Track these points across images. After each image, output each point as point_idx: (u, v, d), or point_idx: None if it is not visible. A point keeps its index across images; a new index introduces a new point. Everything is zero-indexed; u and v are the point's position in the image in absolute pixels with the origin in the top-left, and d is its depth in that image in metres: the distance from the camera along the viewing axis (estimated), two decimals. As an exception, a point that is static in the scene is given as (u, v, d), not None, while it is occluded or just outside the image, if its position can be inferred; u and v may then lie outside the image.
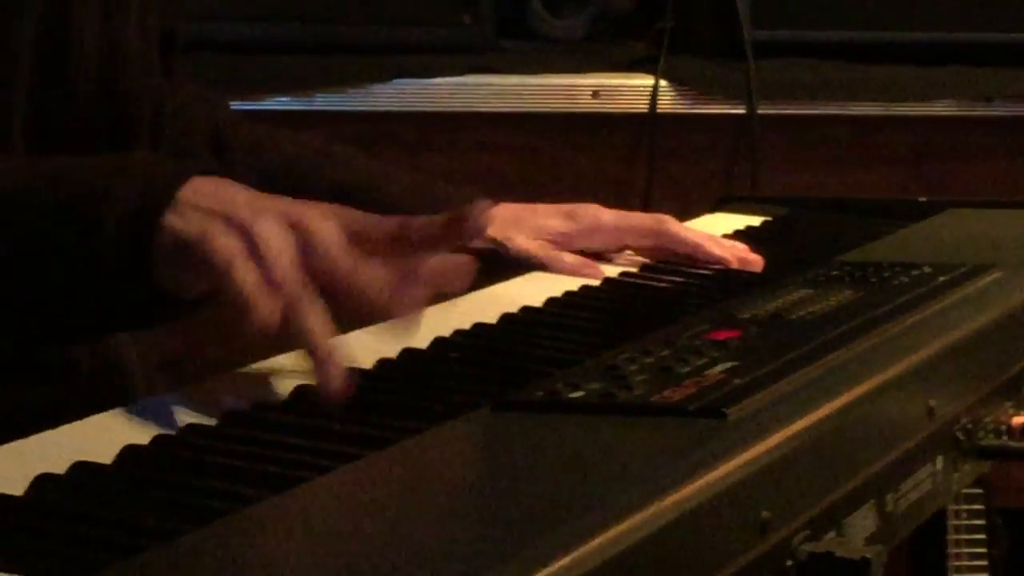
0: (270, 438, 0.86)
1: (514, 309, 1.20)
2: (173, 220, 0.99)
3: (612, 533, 0.64)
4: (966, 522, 2.23)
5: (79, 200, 1.03)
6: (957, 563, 2.25)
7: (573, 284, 1.32)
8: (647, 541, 0.67)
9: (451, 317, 1.13)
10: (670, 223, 1.45)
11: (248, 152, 1.45)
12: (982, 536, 2.30)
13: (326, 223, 1.01)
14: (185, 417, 0.91)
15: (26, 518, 0.74)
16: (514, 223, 1.44)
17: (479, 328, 1.13)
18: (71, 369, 1.28)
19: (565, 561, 0.61)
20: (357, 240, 1.01)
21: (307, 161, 1.49)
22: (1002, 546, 2.47)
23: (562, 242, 1.43)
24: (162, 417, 0.91)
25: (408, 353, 1.04)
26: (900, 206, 1.60)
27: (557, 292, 1.27)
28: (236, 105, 1.77)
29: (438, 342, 1.08)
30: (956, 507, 2.13)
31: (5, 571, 0.65)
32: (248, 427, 0.89)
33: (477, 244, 1.29)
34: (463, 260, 1.07)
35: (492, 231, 1.39)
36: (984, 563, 2.35)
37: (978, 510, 2.25)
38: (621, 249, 1.47)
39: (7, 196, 1.06)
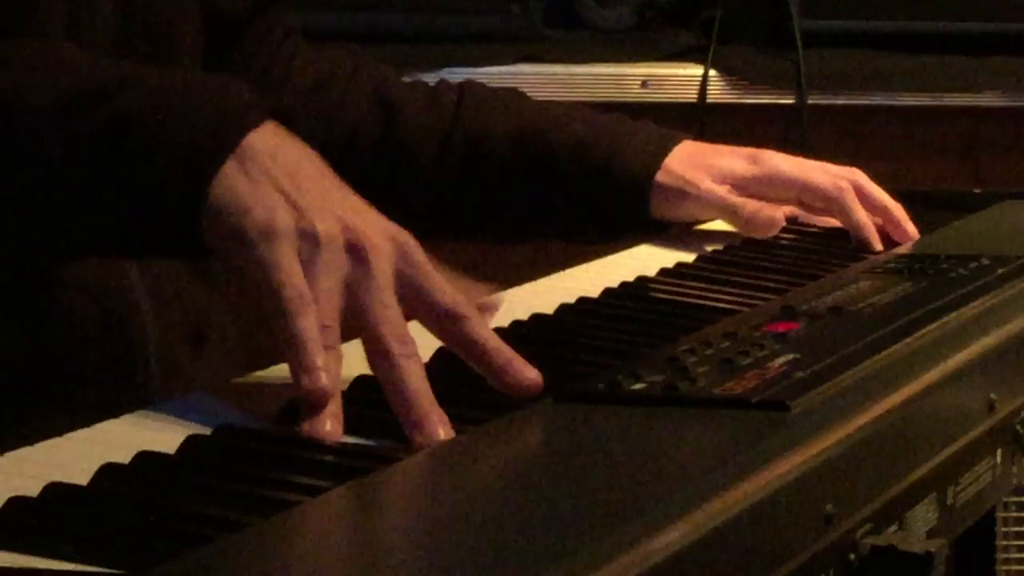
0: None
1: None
2: (233, 169, 0.94)
3: (676, 528, 0.64)
4: (1015, 515, 2.21)
5: (138, 121, 0.98)
6: (1006, 556, 2.23)
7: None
8: (712, 535, 0.67)
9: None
10: (848, 200, 1.38)
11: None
12: None
13: (382, 265, 0.93)
14: (239, 409, 0.89)
15: (91, 507, 0.72)
16: (701, 165, 1.43)
17: (533, 318, 1.10)
18: (76, 327, 1.22)
19: (630, 557, 0.60)
20: (401, 282, 0.94)
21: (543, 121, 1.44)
22: None
23: (743, 187, 1.41)
24: (218, 409, 0.89)
25: None
26: (955, 197, 1.59)
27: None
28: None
29: (501, 331, 1.04)
30: (1007, 499, 2.11)
31: (71, 559, 0.64)
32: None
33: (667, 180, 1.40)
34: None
35: (679, 169, 1.38)
36: None
37: None
38: (793, 204, 1.45)
39: (76, 93, 1.01)
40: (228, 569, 0.63)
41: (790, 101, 2.11)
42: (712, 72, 2.12)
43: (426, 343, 0.98)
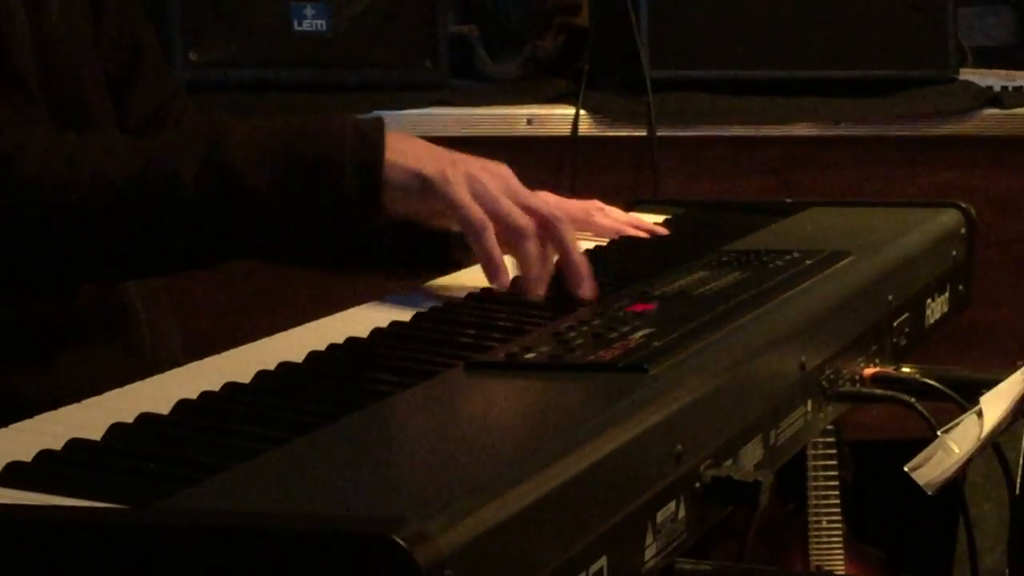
0: (294, 395, 0.84)
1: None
2: (395, 158, 1.03)
3: (562, 463, 0.67)
4: (822, 451, 2.28)
5: (321, 156, 1.04)
6: (815, 483, 2.30)
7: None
8: (587, 471, 0.71)
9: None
10: (593, 217, 1.38)
11: None
12: (834, 463, 2.36)
13: (510, 184, 1.08)
14: (220, 378, 0.88)
15: (103, 457, 0.74)
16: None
17: (447, 305, 1.12)
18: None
19: (527, 485, 0.62)
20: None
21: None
22: (850, 471, 2.52)
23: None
24: (203, 376, 0.89)
25: (395, 325, 1.03)
26: (772, 206, 1.61)
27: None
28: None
29: (417, 317, 1.05)
30: (815, 439, 2.25)
31: (89, 499, 0.64)
32: (276, 387, 0.86)
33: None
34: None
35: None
36: (835, 483, 2.38)
37: (831, 442, 2.27)
38: None
39: (269, 147, 1.06)
40: (206, 501, 0.61)
41: (643, 134, 2.09)
42: (582, 112, 2.13)
43: (366, 324, 1.04)
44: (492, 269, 1.08)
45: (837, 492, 2.29)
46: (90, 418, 0.84)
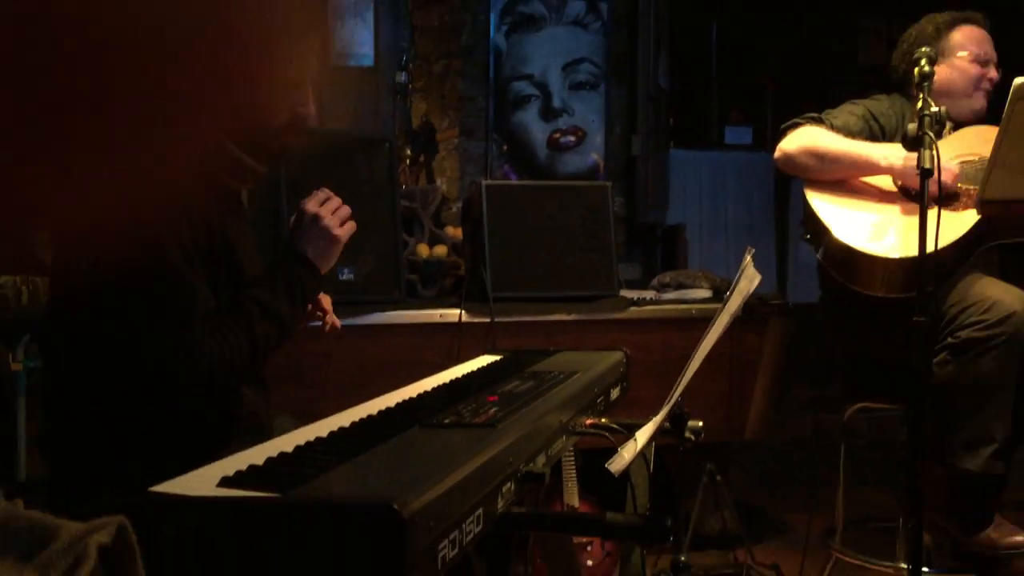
0: (351, 439, 1.17)
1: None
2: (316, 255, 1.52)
3: (464, 466, 0.98)
4: (568, 456, 2.41)
5: (295, 284, 1.55)
6: (565, 470, 2.44)
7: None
8: (477, 469, 1.00)
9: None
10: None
11: None
12: (572, 459, 2.45)
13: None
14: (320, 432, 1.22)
15: (272, 469, 1.06)
16: None
17: (417, 397, 1.46)
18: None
19: (434, 490, 0.90)
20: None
21: None
22: (579, 462, 2.49)
23: None
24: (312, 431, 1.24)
25: (396, 406, 1.41)
26: (545, 351, 1.99)
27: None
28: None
29: (399, 404, 1.42)
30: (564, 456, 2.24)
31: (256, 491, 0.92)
32: (343, 436, 1.20)
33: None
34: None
35: None
36: (573, 470, 2.48)
37: (572, 451, 2.38)
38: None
39: (266, 297, 1.51)
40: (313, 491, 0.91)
41: (487, 320, 2.66)
42: (464, 311, 2.69)
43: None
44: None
45: (574, 473, 2.52)
46: (268, 448, 1.11)
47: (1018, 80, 1.56)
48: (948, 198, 2.14)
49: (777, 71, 5.40)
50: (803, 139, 2.17)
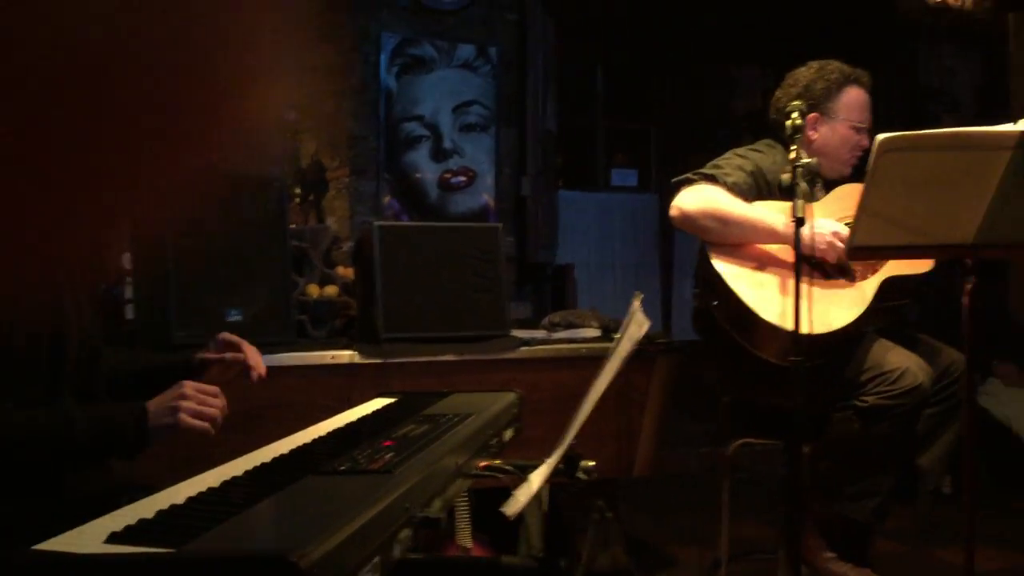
0: (244, 488, 1.16)
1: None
2: (155, 421, 1.44)
3: (362, 515, 1.00)
4: (463, 499, 2.52)
5: (112, 431, 1.47)
6: (458, 511, 2.48)
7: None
8: (374, 516, 1.01)
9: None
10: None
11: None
12: (466, 502, 2.50)
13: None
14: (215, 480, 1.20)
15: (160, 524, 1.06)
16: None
17: (310, 444, 1.44)
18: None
19: (334, 536, 0.91)
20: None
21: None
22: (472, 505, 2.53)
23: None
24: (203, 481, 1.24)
25: (291, 452, 1.41)
26: (439, 393, 1.99)
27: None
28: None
29: (293, 451, 1.40)
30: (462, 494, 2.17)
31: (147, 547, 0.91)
32: (237, 485, 1.20)
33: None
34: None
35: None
36: (467, 509, 2.52)
37: (466, 494, 2.45)
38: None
39: (76, 435, 1.44)
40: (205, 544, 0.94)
41: (381, 361, 2.69)
42: (356, 353, 2.71)
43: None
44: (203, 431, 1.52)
45: (467, 514, 2.58)
46: (159, 500, 1.10)
47: (880, 136, 1.66)
48: (845, 270, 2.23)
49: (660, 116, 5.59)
50: (702, 201, 2.18)
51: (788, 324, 2.01)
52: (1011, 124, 1.64)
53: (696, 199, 2.20)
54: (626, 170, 5.51)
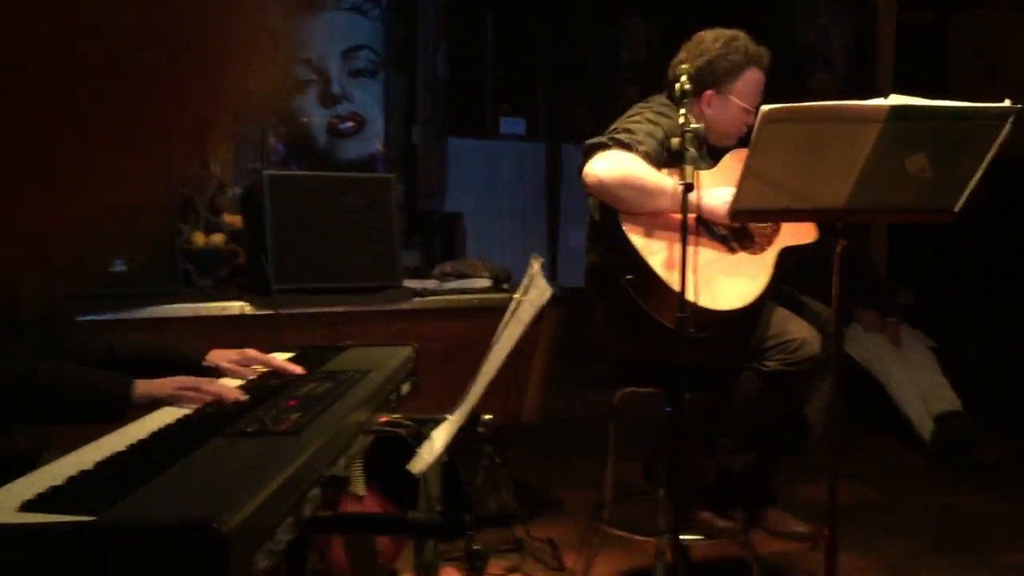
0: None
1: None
2: (140, 391, 1.42)
3: (273, 478, 1.02)
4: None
5: (101, 391, 1.47)
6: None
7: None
8: (286, 479, 1.03)
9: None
10: (253, 357, 1.73)
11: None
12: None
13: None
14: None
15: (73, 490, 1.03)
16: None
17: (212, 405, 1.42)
18: None
19: (256, 501, 0.94)
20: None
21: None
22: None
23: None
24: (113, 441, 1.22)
25: (194, 414, 1.39)
26: (336, 347, 2.00)
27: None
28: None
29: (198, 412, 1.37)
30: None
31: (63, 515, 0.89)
32: (147, 449, 1.19)
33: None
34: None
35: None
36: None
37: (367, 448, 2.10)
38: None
39: (63, 387, 1.44)
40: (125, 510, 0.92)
41: (272, 312, 2.64)
42: (246, 304, 2.68)
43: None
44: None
45: (360, 464, 2.11)
46: (67, 465, 1.08)
47: (764, 107, 1.75)
48: (743, 237, 2.31)
49: (547, 65, 5.64)
50: (619, 170, 2.17)
51: (696, 297, 2.13)
52: (882, 99, 1.75)
53: (613, 168, 2.20)
54: (514, 119, 5.54)
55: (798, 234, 2.38)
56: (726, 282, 2.24)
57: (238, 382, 1.62)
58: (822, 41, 5.34)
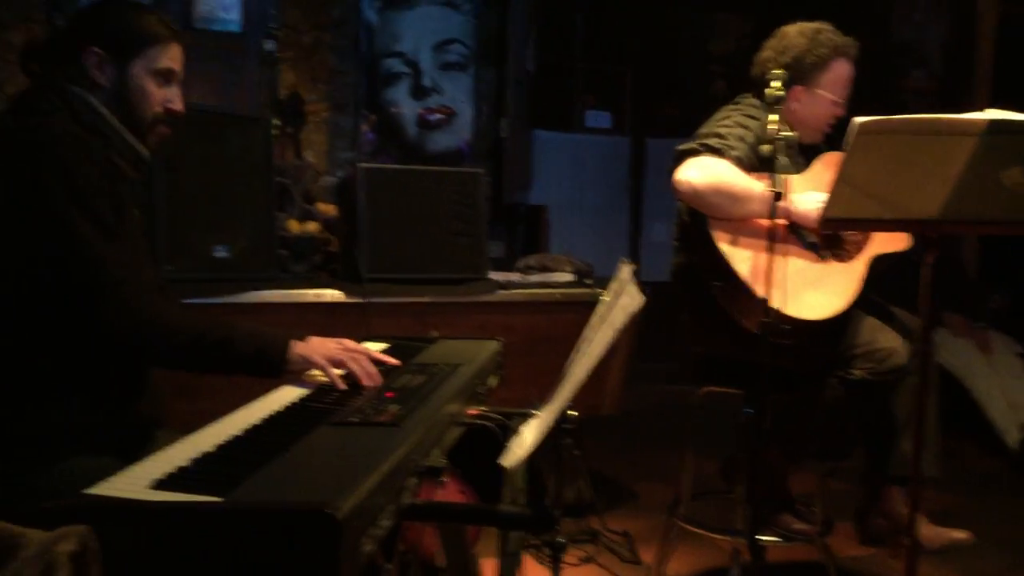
0: (243, 451, 1.15)
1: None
2: (296, 353, 1.49)
3: (380, 467, 1.04)
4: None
5: (264, 349, 1.53)
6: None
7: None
8: (391, 467, 1.06)
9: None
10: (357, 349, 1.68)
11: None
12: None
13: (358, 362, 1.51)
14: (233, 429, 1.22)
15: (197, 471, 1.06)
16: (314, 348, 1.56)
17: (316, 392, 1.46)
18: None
19: (364, 488, 0.97)
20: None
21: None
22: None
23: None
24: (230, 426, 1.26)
25: (301, 400, 1.43)
26: (427, 339, 2.02)
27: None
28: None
29: (305, 398, 1.41)
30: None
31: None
32: (234, 447, 1.17)
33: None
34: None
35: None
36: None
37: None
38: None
39: (232, 343, 1.51)
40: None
41: (362, 300, 2.67)
42: (339, 292, 2.73)
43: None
44: (335, 382, 1.52)
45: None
46: (189, 447, 1.13)
47: (858, 120, 1.76)
48: (834, 243, 2.27)
49: (635, 58, 5.64)
50: (711, 176, 2.15)
51: (783, 306, 2.13)
52: (978, 113, 1.74)
53: (706, 175, 2.17)
54: (600, 112, 5.57)
55: (890, 241, 2.35)
56: (814, 292, 2.22)
57: (378, 349, 1.70)
58: (918, 38, 5.18)
